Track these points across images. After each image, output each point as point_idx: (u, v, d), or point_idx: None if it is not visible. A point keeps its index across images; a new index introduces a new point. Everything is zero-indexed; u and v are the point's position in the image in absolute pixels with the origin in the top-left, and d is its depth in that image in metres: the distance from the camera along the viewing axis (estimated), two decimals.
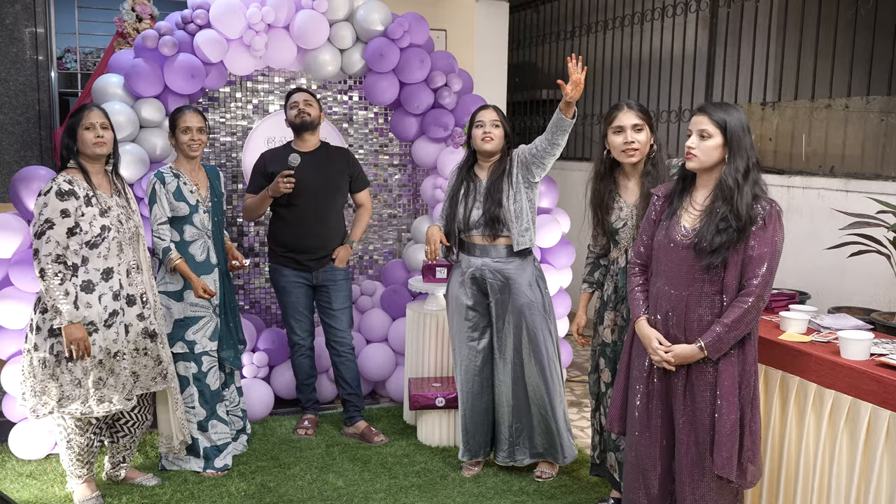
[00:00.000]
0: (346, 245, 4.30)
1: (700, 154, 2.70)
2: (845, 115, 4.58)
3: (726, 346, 2.66)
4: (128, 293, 3.42)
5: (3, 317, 3.81)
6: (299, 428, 4.35)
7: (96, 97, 4.22)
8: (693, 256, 2.70)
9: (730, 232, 2.62)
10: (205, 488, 3.69)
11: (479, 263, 3.73)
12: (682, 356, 2.72)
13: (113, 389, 3.36)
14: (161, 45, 4.15)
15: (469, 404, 3.83)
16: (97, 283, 3.32)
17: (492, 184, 3.70)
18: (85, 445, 3.48)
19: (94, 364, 3.30)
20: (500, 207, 3.65)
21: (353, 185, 4.32)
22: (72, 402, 3.30)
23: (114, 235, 3.36)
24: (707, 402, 2.71)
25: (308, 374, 4.36)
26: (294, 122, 4.15)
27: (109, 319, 3.34)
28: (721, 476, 2.68)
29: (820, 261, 4.31)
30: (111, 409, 3.36)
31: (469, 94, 4.93)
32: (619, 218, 3.29)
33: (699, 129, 2.70)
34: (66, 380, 3.29)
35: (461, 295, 3.78)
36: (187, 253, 3.78)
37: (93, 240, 3.30)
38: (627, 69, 6.77)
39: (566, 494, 3.69)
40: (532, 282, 3.72)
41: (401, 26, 4.58)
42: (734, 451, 2.66)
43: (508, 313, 3.71)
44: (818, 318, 3.19)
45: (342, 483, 3.78)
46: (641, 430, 2.88)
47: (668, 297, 2.78)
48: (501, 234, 3.68)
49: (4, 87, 5.29)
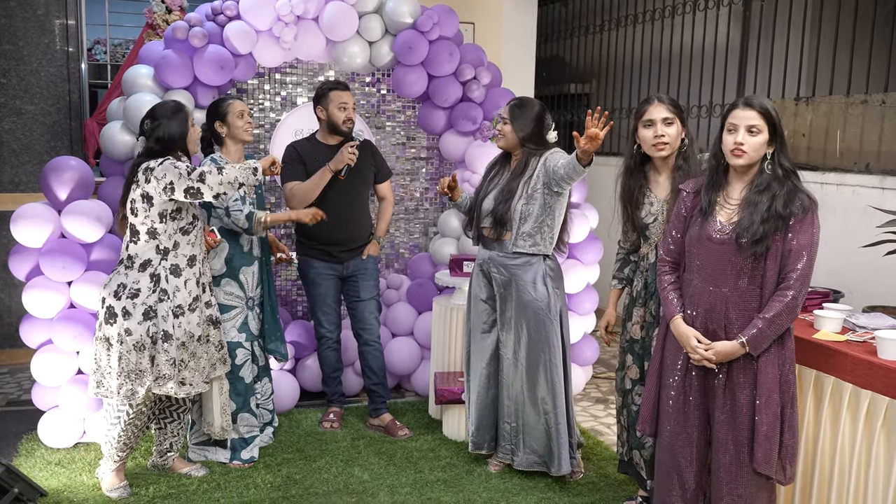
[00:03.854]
0: (374, 241, 4.31)
1: (750, 150, 2.65)
2: (882, 110, 4.49)
3: (767, 341, 2.62)
4: (203, 281, 3.56)
5: (33, 306, 3.84)
6: (325, 421, 4.35)
7: (126, 88, 4.24)
8: (732, 251, 2.66)
9: (772, 223, 2.58)
10: (231, 480, 3.70)
11: (486, 256, 3.73)
12: (724, 353, 2.68)
13: (194, 372, 3.47)
14: (191, 36, 4.16)
15: (476, 395, 3.82)
16: (184, 268, 3.44)
17: (508, 181, 3.67)
18: (138, 429, 3.53)
19: (178, 345, 3.40)
20: (506, 206, 3.61)
21: (377, 176, 4.31)
22: (168, 381, 3.40)
23: (200, 224, 3.53)
24: (747, 399, 2.67)
25: (334, 367, 4.36)
26: (340, 127, 4.09)
27: (193, 304, 3.47)
28: (760, 473, 2.63)
29: (854, 259, 4.23)
30: (191, 393, 3.48)
31: (497, 88, 4.90)
32: (650, 213, 3.25)
33: (749, 125, 2.64)
34: (162, 360, 3.38)
35: (476, 286, 3.79)
36: (237, 244, 3.81)
37: (186, 226, 3.45)
38: (657, 63, 6.70)
39: (593, 492, 3.66)
40: (538, 280, 3.62)
41: (430, 19, 4.56)
42: (774, 447, 2.62)
43: (511, 310, 3.67)
44: (853, 317, 3.13)
45: (367, 476, 3.77)
46: (677, 429, 2.83)
47: (705, 295, 2.73)
48: (505, 232, 3.65)
49: (35, 77, 5.33)
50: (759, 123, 2.63)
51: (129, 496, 3.52)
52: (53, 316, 3.88)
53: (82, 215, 3.82)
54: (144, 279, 3.37)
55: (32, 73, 5.32)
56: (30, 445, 4.01)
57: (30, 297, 3.84)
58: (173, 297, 3.41)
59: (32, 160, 5.37)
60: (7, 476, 3.32)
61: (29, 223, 3.78)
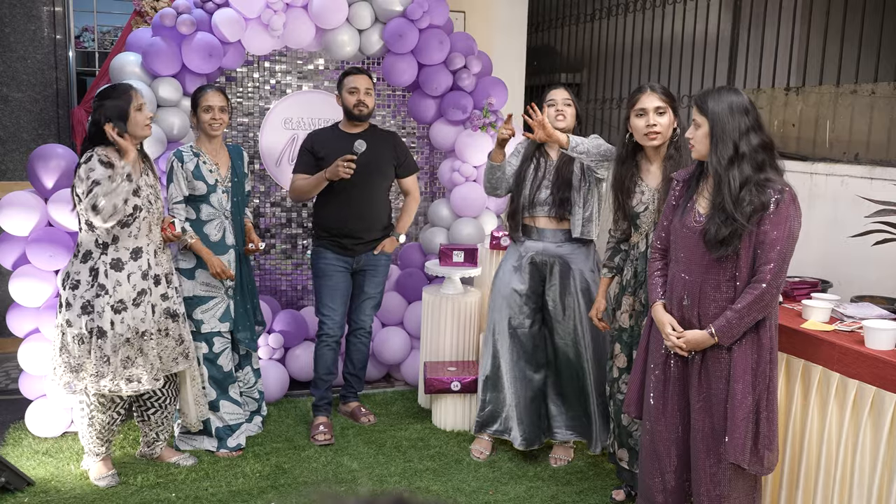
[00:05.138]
0: (392, 238, 4.21)
1: (697, 144, 2.70)
2: (871, 100, 4.49)
3: (738, 332, 2.62)
4: (155, 273, 3.45)
5: (20, 295, 3.81)
6: (316, 434, 4.04)
7: (114, 76, 4.20)
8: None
9: (730, 222, 2.57)
10: (219, 469, 3.69)
11: (539, 248, 3.67)
12: (694, 342, 2.70)
13: (142, 369, 3.38)
14: (179, 23, 4.12)
15: (519, 391, 3.74)
16: (126, 262, 3.35)
17: (563, 164, 3.64)
18: (106, 423, 3.50)
19: (122, 342, 3.32)
20: (569, 188, 3.59)
21: (400, 170, 4.20)
22: (103, 378, 3.33)
23: (144, 216, 3.40)
24: (721, 388, 2.68)
25: (329, 369, 4.17)
26: (352, 111, 4.02)
27: (138, 298, 3.38)
28: (733, 463, 2.64)
29: (843, 249, 4.24)
30: (139, 389, 3.38)
31: (488, 77, 4.88)
32: (641, 202, 3.25)
33: (692, 119, 2.71)
34: (97, 356, 3.31)
35: (514, 280, 3.71)
36: (202, 232, 3.76)
37: (125, 219, 3.33)
38: (648, 53, 6.68)
39: (581, 481, 3.67)
40: (594, 267, 3.67)
41: (420, 7, 4.53)
42: (747, 437, 2.63)
43: (571, 298, 3.64)
44: (841, 306, 3.14)
45: (357, 465, 3.77)
46: (657, 416, 2.86)
47: (682, 283, 2.76)
48: (567, 217, 3.62)
49: (22, 65, 5.28)
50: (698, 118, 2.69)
51: (117, 485, 3.51)
52: (41, 305, 3.86)
53: (69, 204, 3.79)
54: (84, 272, 3.33)
55: (19, 61, 5.27)
56: (17, 434, 3.99)
57: (17, 286, 3.81)
58: (113, 292, 3.32)
59: (19, 148, 5.33)
60: None
61: (15, 211, 3.76)
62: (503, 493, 3.53)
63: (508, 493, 3.53)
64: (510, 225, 3.76)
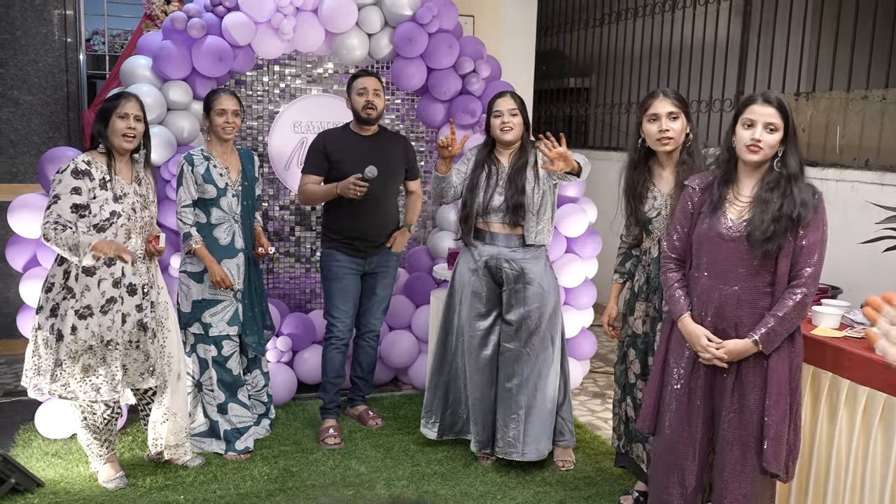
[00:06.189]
0: (404, 229, 4.24)
1: (766, 147, 2.62)
2: (882, 106, 4.48)
3: (779, 339, 2.61)
4: (130, 282, 3.36)
5: (31, 297, 3.83)
6: (326, 438, 4.04)
7: (124, 79, 4.22)
8: (743, 249, 2.64)
9: (784, 222, 2.57)
10: (228, 471, 3.70)
11: (494, 252, 3.69)
12: (736, 352, 2.65)
13: (102, 378, 3.30)
14: (189, 27, 4.14)
15: (479, 395, 3.76)
16: (98, 268, 3.29)
17: (515, 171, 3.66)
18: (100, 424, 3.47)
19: (84, 349, 3.27)
20: (522, 195, 3.62)
21: (408, 173, 4.24)
22: (55, 382, 3.27)
23: (123, 222, 3.32)
24: (757, 398, 2.65)
25: (338, 372, 4.15)
26: (360, 114, 4.01)
27: (106, 306, 3.30)
28: (767, 471, 2.62)
29: (853, 255, 4.23)
30: (96, 399, 3.32)
31: (497, 81, 4.89)
32: (653, 207, 3.23)
33: (767, 122, 2.60)
34: (53, 359, 3.27)
35: (474, 282, 3.74)
36: (211, 236, 3.77)
37: (101, 223, 3.27)
38: (657, 58, 6.68)
39: (589, 486, 3.66)
40: (547, 272, 3.71)
41: (429, 11, 4.54)
42: (783, 446, 2.62)
43: (522, 303, 3.66)
44: (851, 313, 3.13)
45: (364, 469, 3.77)
46: (680, 428, 2.81)
47: (716, 293, 2.71)
48: (521, 223, 3.64)
49: (33, 68, 5.31)
50: (776, 121, 2.60)
51: (125, 487, 3.52)
52: None
53: None
54: (59, 275, 3.30)
55: (30, 64, 5.30)
56: (27, 436, 4.01)
57: (27, 288, 3.83)
58: (80, 297, 3.25)
59: (30, 151, 5.36)
60: (4, 466, 3.32)
61: (26, 214, 3.77)
62: (511, 498, 3.53)
63: (516, 498, 3.53)
64: (462, 229, 3.77)
